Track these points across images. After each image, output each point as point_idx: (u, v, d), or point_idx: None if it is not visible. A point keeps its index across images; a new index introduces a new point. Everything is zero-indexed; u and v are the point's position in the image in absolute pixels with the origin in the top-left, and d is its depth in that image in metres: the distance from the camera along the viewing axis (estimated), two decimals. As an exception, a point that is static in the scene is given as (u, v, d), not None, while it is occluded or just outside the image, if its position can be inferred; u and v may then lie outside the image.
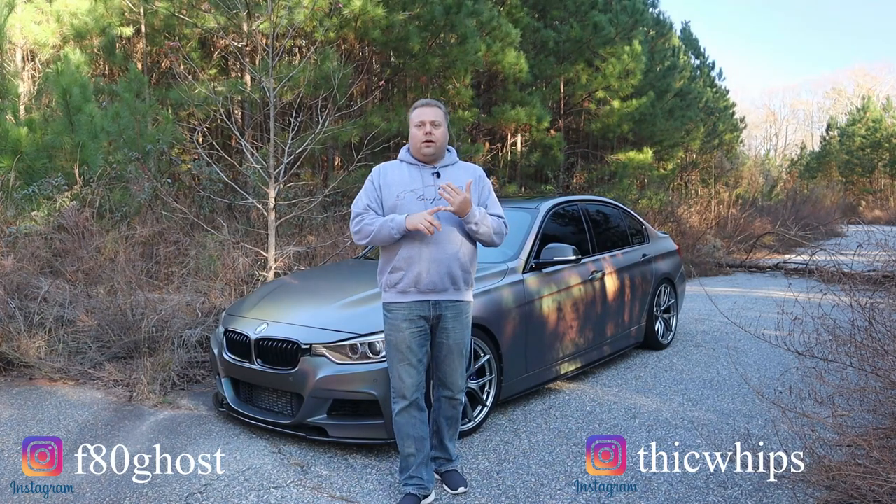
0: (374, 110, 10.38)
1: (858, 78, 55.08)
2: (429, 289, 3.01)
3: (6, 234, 6.27)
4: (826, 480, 2.90)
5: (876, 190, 38.52)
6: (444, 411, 3.25)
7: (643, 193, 16.11)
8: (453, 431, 3.31)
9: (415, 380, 3.07)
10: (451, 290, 3.05)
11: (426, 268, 2.98)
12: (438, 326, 3.09)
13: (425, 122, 3.04)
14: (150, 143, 8.19)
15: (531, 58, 13.09)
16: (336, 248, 7.71)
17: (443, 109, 3.12)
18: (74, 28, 9.25)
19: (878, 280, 3.96)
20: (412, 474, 3.13)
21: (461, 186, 3.00)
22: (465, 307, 3.13)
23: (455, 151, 3.23)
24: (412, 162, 3.12)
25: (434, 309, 3.04)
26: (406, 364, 3.05)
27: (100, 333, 5.29)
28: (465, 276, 3.09)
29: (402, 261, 3.01)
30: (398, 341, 3.05)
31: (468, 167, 3.22)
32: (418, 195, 3.04)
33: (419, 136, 3.05)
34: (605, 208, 6.08)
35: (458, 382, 3.18)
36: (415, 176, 3.09)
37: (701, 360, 5.78)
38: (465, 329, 3.14)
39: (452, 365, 3.14)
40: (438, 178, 3.07)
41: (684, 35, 23.55)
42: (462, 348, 3.14)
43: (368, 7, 9.32)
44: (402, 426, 3.12)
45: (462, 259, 3.05)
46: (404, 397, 3.08)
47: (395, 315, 3.06)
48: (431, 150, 3.05)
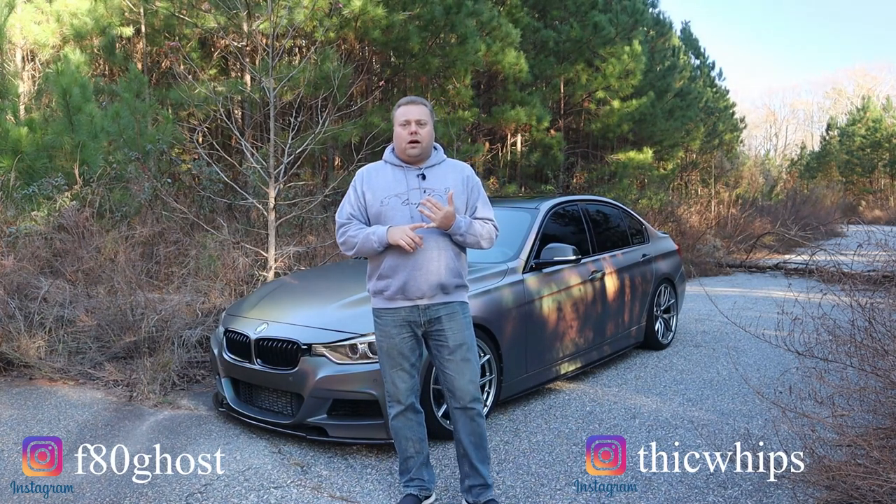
0: (374, 110, 10.38)
1: (858, 78, 55.10)
2: (416, 296, 2.90)
3: (6, 234, 6.27)
4: (826, 480, 2.90)
5: (876, 190, 38.53)
6: (462, 427, 2.98)
7: (643, 193, 16.11)
8: (482, 453, 3.02)
9: (408, 384, 2.99)
10: (441, 296, 2.93)
11: (413, 275, 2.87)
12: (433, 330, 2.95)
13: (410, 120, 2.91)
14: (150, 143, 8.19)
15: (531, 58, 13.09)
16: (336, 248, 7.71)
17: (428, 107, 2.99)
18: (74, 28, 9.25)
19: (878, 280, 3.96)
20: (413, 476, 3.10)
21: (447, 188, 2.92)
22: (460, 307, 2.98)
23: (442, 150, 3.10)
24: (396, 164, 2.99)
25: (424, 314, 2.92)
26: (398, 369, 2.97)
27: (100, 333, 5.29)
28: (456, 281, 2.95)
29: (388, 269, 2.91)
30: (389, 347, 2.96)
31: (456, 166, 3.07)
32: (402, 200, 2.92)
33: (404, 136, 2.91)
34: (605, 208, 6.08)
35: (467, 389, 2.94)
36: (399, 179, 2.95)
37: (701, 360, 5.78)
38: (463, 329, 2.97)
39: (457, 369, 2.93)
40: (424, 181, 2.95)
41: (684, 35, 23.54)
42: (466, 350, 2.95)
43: (368, 7, 9.32)
44: (399, 429, 3.05)
45: (451, 265, 2.93)
46: (399, 402, 3.01)
47: (385, 321, 2.96)
48: (417, 150, 2.92)
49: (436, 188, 2.95)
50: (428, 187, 2.94)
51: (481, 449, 3.01)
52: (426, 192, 2.93)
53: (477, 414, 2.98)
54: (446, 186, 2.95)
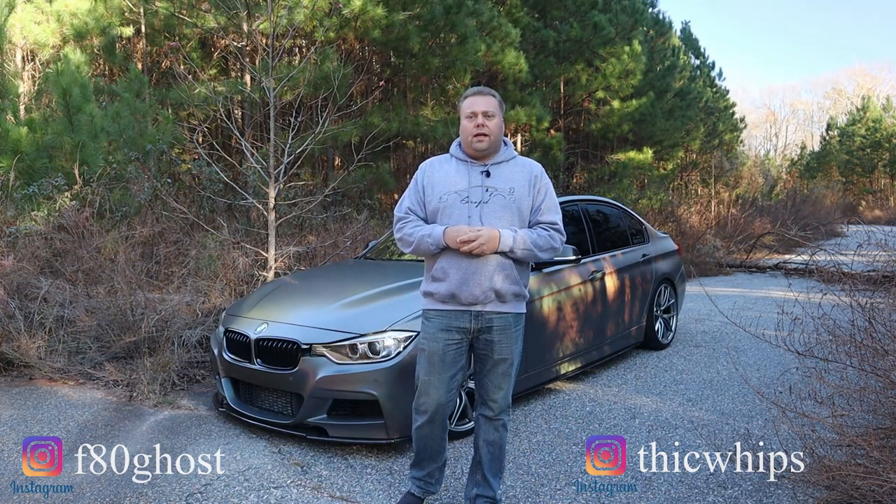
0: (374, 110, 10.39)
1: (858, 78, 55.13)
2: (469, 302, 2.73)
3: (6, 234, 6.27)
4: (826, 480, 2.90)
5: (876, 190, 38.54)
6: (483, 434, 2.90)
7: (643, 193, 16.12)
8: (497, 465, 2.92)
9: (442, 398, 2.80)
10: (496, 303, 2.75)
11: (466, 279, 2.71)
12: (481, 339, 2.80)
13: (477, 112, 2.74)
14: (150, 143, 8.19)
15: (531, 58, 13.10)
16: (336, 248, 7.71)
17: (497, 98, 2.81)
18: (74, 28, 9.25)
19: (878, 280, 3.96)
20: (423, 477, 3.01)
21: (512, 188, 2.77)
22: (514, 319, 2.81)
23: (512, 146, 2.91)
24: (461, 158, 2.83)
25: (476, 321, 2.76)
26: (436, 377, 2.79)
27: (100, 333, 5.29)
28: (513, 289, 2.77)
29: (441, 271, 2.76)
30: (432, 352, 2.79)
31: (525, 164, 2.86)
32: (462, 197, 2.75)
33: (470, 129, 2.74)
34: (606, 208, 6.08)
35: (498, 401, 2.84)
36: (462, 174, 2.79)
37: (701, 360, 5.78)
38: (513, 343, 2.81)
39: (496, 381, 2.82)
40: (487, 178, 2.77)
41: (684, 35, 23.55)
42: (509, 365, 2.82)
43: (368, 7, 9.32)
44: (421, 438, 2.92)
45: (507, 270, 2.75)
46: (425, 412, 2.84)
47: (433, 324, 2.81)
48: (484, 144, 2.75)
49: (499, 187, 2.78)
50: (491, 185, 2.77)
51: (497, 461, 2.92)
52: (488, 191, 2.76)
53: (502, 425, 2.90)
54: (511, 186, 2.78)
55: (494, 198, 2.75)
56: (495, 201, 2.75)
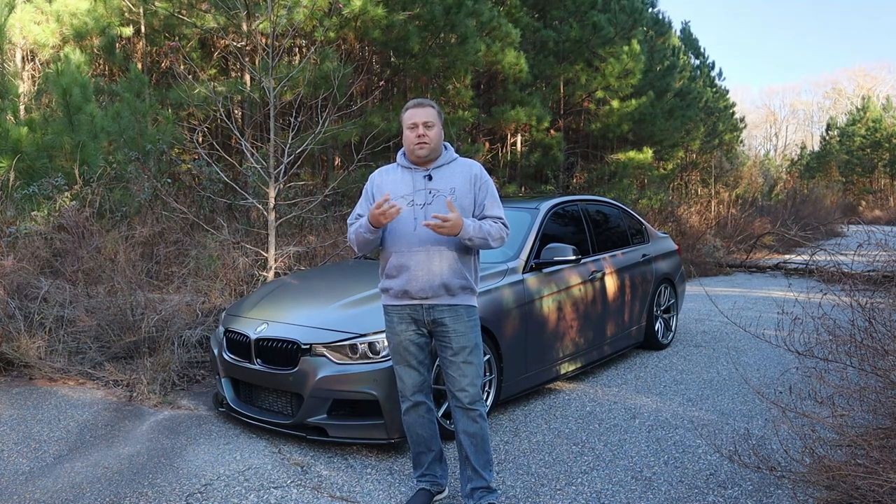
0: (374, 110, 10.38)
1: (858, 78, 55.13)
2: (421, 297, 2.93)
3: (6, 234, 6.27)
4: (826, 480, 2.90)
5: (876, 190, 38.53)
6: (462, 426, 2.99)
7: (643, 193, 16.11)
8: (483, 457, 3.00)
9: (415, 380, 3.04)
10: (446, 297, 2.93)
11: (415, 275, 2.91)
12: (437, 330, 2.97)
13: (418, 123, 2.96)
14: (151, 143, 8.18)
15: (531, 58, 13.08)
16: (336, 248, 7.71)
17: (436, 109, 3.03)
18: (74, 28, 9.25)
19: (878, 280, 3.96)
20: (426, 471, 3.15)
21: (453, 188, 2.96)
22: (466, 311, 2.98)
23: (453, 149, 3.13)
24: (406, 165, 3.05)
25: (428, 313, 2.95)
26: (405, 365, 3.03)
27: (100, 333, 5.29)
28: (460, 282, 2.95)
29: (393, 268, 2.97)
30: (396, 343, 3.03)
31: (465, 165, 3.07)
32: (408, 201, 2.96)
33: (411, 139, 2.97)
34: (605, 208, 6.08)
35: (467, 388, 2.96)
36: (406, 180, 3.01)
37: (701, 360, 5.78)
38: (468, 332, 2.96)
39: (459, 370, 2.95)
40: (430, 182, 2.98)
41: (684, 35, 23.54)
42: (468, 352, 2.96)
43: (368, 7, 9.32)
44: (410, 425, 3.10)
45: (454, 266, 2.93)
46: (407, 397, 3.07)
47: (392, 318, 3.03)
48: (425, 151, 2.97)
49: (441, 188, 2.97)
50: (433, 188, 2.97)
51: (483, 452, 3.01)
52: (431, 193, 2.96)
53: (479, 416, 2.99)
54: (452, 186, 2.97)
55: (437, 199, 2.95)
56: (438, 202, 2.95)
